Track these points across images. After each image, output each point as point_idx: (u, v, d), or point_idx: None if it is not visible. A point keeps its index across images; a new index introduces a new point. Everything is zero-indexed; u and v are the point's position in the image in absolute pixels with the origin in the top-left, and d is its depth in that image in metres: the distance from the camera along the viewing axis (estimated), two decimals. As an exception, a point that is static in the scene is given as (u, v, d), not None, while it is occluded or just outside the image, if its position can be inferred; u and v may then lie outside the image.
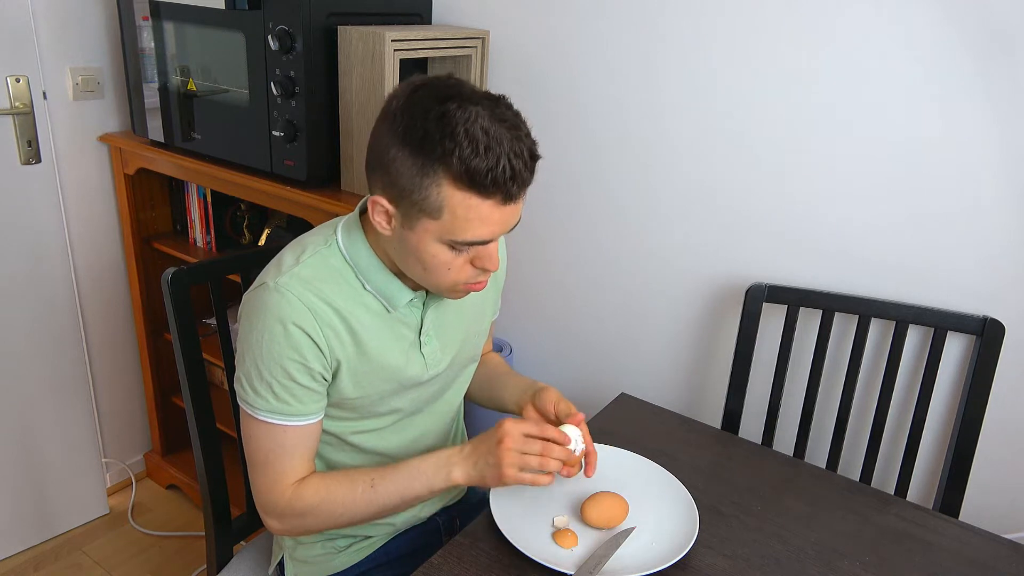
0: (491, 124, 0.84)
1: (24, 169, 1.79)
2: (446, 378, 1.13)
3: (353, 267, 0.98)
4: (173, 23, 1.70)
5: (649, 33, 1.50)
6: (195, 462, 1.28)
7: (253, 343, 0.95)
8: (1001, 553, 1.05)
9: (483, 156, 0.83)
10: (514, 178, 0.85)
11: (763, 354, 1.50)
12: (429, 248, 0.91)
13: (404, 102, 0.87)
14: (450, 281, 0.95)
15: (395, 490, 0.98)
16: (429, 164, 0.84)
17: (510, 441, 0.94)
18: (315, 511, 1.00)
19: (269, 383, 0.95)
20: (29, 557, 1.99)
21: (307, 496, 0.99)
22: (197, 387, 1.23)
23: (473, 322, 1.14)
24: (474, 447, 0.98)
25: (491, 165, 0.83)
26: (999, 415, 1.34)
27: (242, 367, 0.97)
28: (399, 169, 0.87)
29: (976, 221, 1.28)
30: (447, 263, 0.92)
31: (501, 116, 0.86)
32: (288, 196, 1.61)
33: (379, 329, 1.00)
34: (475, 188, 0.85)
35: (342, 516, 1.00)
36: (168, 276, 1.18)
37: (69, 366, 1.98)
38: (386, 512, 1.01)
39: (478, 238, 0.89)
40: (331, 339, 0.96)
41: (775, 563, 1.00)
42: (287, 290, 0.93)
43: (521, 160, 0.85)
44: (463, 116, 0.83)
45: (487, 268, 0.94)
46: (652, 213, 1.60)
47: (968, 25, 1.20)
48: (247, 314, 0.97)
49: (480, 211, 0.86)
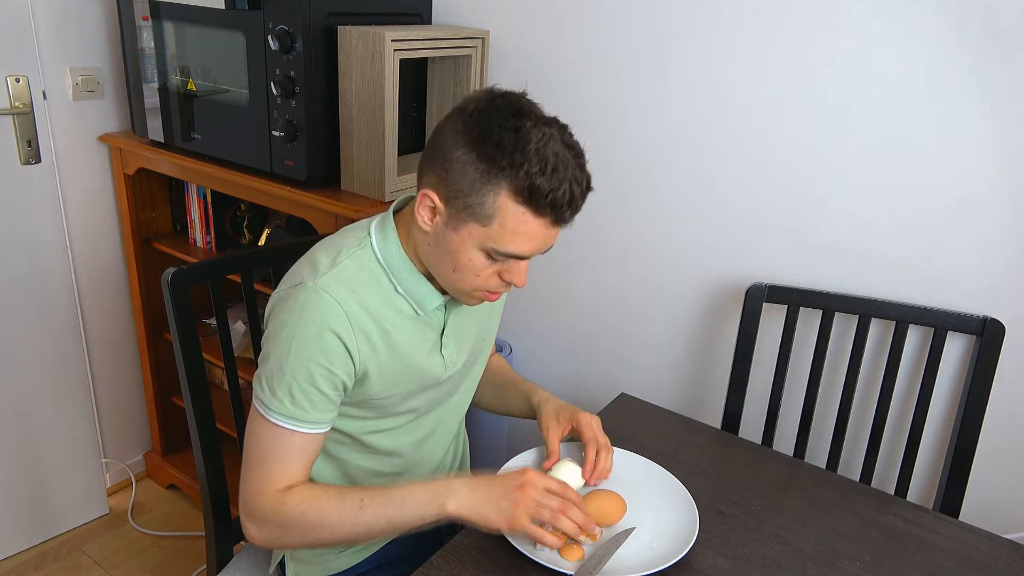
0: (561, 148, 0.87)
1: (24, 169, 1.79)
2: (457, 379, 1.14)
3: (386, 269, 0.99)
4: (173, 23, 1.70)
5: (649, 33, 1.50)
6: (195, 462, 1.28)
7: (282, 341, 0.94)
8: (1001, 553, 1.05)
9: (548, 177, 0.86)
10: (570, 204, 0.89)
11: (763, 354, 1.50)
12: (467, 252, 0.92)
13: (482, 107, 0.89)
14: (473, 287, 0.96)
15: (383, 513, 0.94)
16: (494, 172, 0.87)
17: (532, 490, 0.92)
18: (296, 522, 0.95)
19: (289, 385, 0.94)
20: (29, 557, 1.99)
21: (291, 504, 0.95)
22: (197, 387, 1.23)
23: (485, 326, 1.16)
24: (484, 484, 0.94)
25: (553, 187, 0.86)
26: (999, 415, 1.34)
27: (265, 365, 0.96)
28: (462, 170, 0.89)
29: (976, 221, 1.28)
30: (478, 270, 0.94)
31: (569, 143, 0.89)
32: (288, 196, 1.60)
33: (408, 331, 1.01)
34: (532, 205, 0.87)
35: (323, 532, 0.95)
36: (168, 276, 1.18)
37: (69, 366, 1.98)
38: (372, 536, 0.97)
39: (518, 252, 0.91)
40: (363, 345, 0.96)
41: (775, 563, 1.00)
42: (326, 291, 0.93)
43: (580, 188, 0.89)
44: (537, 135, 0.86)
45: (514, 283, 0.96)
46: (652, 213, 1.60)
47: (968, 25, 1.20)
48: (280, 312, 0.95)
49: (529, 227, 0.89)
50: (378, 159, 1.53)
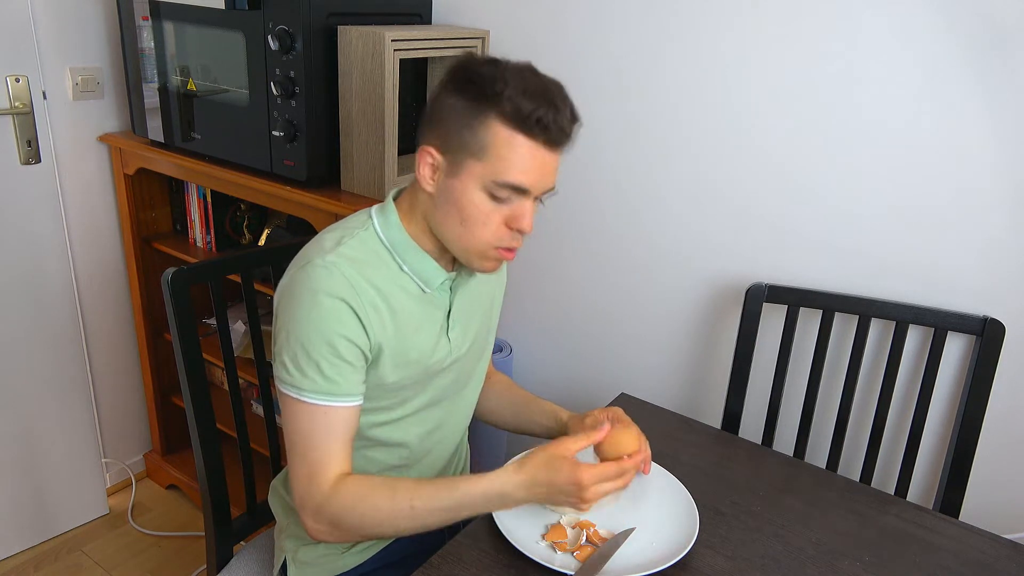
0: (537, 76, 0.93)
1: (24, 169, 1.79)
2: (463, 369, 1.14)
3: (390, 249, 1.01)
4: (173, 23, 1.70)
5: (650, 32, 1.50)
6: (195, 462, 1.28)
7: (300, 321, 0.94)
8: (1001, 553, 1.05)
9: (532, 97, 0.90)
10: (558, 122, 0.91)
11: (763, 354, 1.50)
12: (470, 194, 0.94)
13: (459, 61, 0.95)
14: (484, 240, 0.97)
15: (438, 513, 0.95)
16: (480, 104, 0.91)
17: (592, 493, 0.93)
18: (348, 518, 0.96)
19: (317, 361, 0.94)
20: (29, 557, 1.99)
21: (345, 495, 0.96)
22: (197, 387, 1.23)
23: (488, 315, 1.17)
24: (543, 483, 0.94)
25: (538, 105, 0.89)
26: (999, 415, 1.34)
27: (286, 350, 0.96)
28: (451, 114, 0.93)
29: (976, 221, 1.28)
30: (485, 216, 0.95)
31: (544, 75, 0.94)
32: (288, 196, 1.60)
33: (415, 311, 1.02)
34: (521, 126, 0.90)
35: (380, 525, 0.96)
36: (168, 276, 1.18)
37: (69, 366, 1.98)
38: (427, 529, 0.97)
39: (518, 181, 0.93)
40: (373, 320, 0.97)
41: (775, 563, 1.00)
42: (334, 267, 0.95)
43: (566, 109, 0.93)
44: (514, 67, 0.92)
45: (522, 229, 0.96)
46: (653, 213, 1.60)
47: (968, 25, 1.20)
48: (291, 293, 0.96)
49: (523, 152, 0.92)
50: (378, 159, 1.53)
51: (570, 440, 0.95)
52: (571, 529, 1.01)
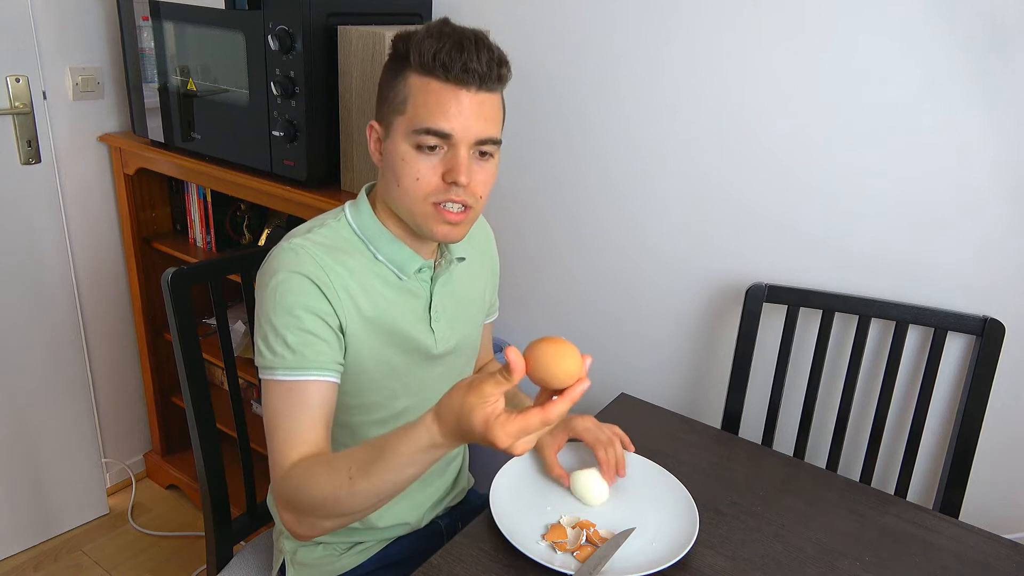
0: (452, 26, 0.94)
1: (24, 169, 1.79)
2: (452, 365, 1.14)
3: (363, 238, 1.03)
4: (173, 23, 1.70)
5: (650, 33, 1.50)
6: (195, 463, 1.28)
7: (267, 299, 0.95)
8: (1001, 553, 1.05)
9: (436, 38, 0.91)
10: (462, 60, 0.91)
11: (763, 354, 1.50)
12: (401, 152, 0.95)
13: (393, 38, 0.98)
14: (419, 196, 0.95)
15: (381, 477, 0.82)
16: (398, 63, 0.95)
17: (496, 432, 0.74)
18: (301, 501, 0.88)
19: (283, 336, 0.94)
20: (29, 557, 1.99)
21: (293, 477, 0.90)
22: (197, 387, 1.23)
23: (474, 309, 1.17)
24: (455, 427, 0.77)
25: (441, 46, 0.91)
26: (999, 415, 1.34)
27: (259, 332, 0.97)
28: (382, 84, 0.98)
29: (976, 221, 1.28)
30: (416, 171, 0.94)
31: (464, 26, 0.96)
32: (288, 196, 1.61)
33: (392, 297, 1.03)
34: (432, 71, 0.92)
35: (325, 504, 0.86)
36: (168, 276, 1.18)
37: (69, 366, 1.98)
38: (381, 499, 0.86)
39: (437, 126, 0.92)
40: (343, 298, 0.97)
41: (775, 563, 1.00)
42: (301, 248, 0.97)
43: (476, 49, 0.92)
44: (430, 22, 0.96)
45: (455, 180, 0.93)
46: (652, 213, 1.60)
47: (969, 25, 1.20)
48: (261, 277, 0.98)
49: (439, 96, 0.92)
50: (378, 159, 1.53)
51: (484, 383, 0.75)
52: (571, 529, 1.01)
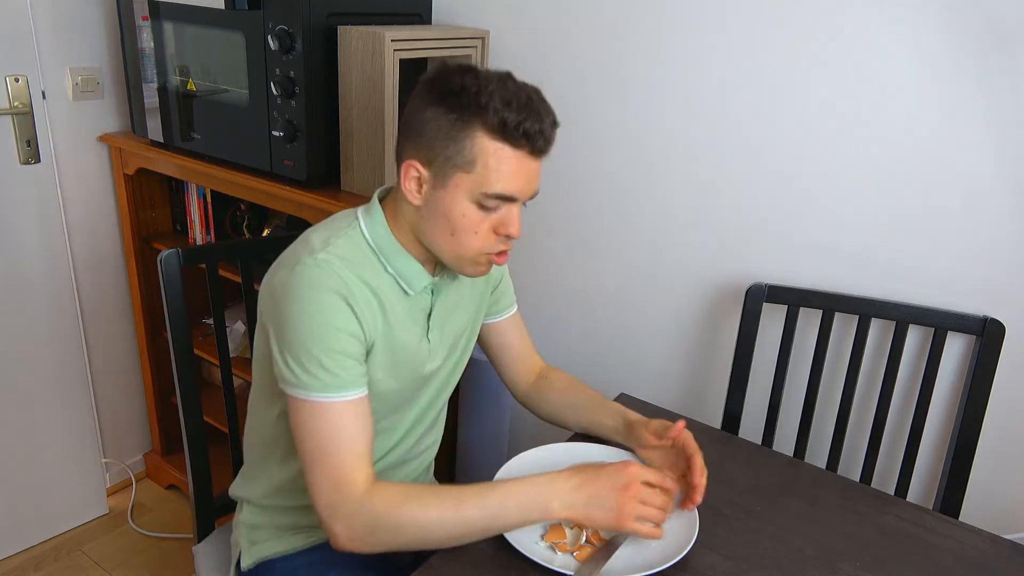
0: (517, 86, 0.94)
1: (23, 169, 1.79)
2: (442, 377, 1.15)
3: (375, 250, 1.02)
4: (173, 23, 1.70)
5: (651, 33, 1.50)
6: (183, 442, 1.31)
7: (297, 319, 0.94)
8: (1001, 553, 1.05)
9: (516, 110, 0.91)
10: (541, 131, 0.93)
11: (763, 354, 1.50)
12: (459, 206, 0.95)
13: (437, 72, 0.96)
14: (475, 249, 0.98)
15: (483, 515, 0.92)
16: (465, 117, 0.92)
17: (636, 489, 0.93)
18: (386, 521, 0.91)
19: (318, 358, 0.93)
20: (29, 557, 1.99)
21: (384, 498, 0.92)
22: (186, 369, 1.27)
23: (461, 322, 1.15)
24: (587, 482, 0.93)
25: (522, 118, 0.91)
26: (999, 415, 1.34)
27: (288, 351, 0.94)
28: (435, 127, 0.93)
29: (976, 221, 1.28)
30: (475, 225, 0.96)
31: (522, 83, 0.95)
32: (288, 196, 1.60)
33: (401, 310, 1.03)
34: (507, 138, 0.92)
35: (418, 532, 0.91)
36: (163, 257, 1.24)
37: (69, 366, 1.98)
38: (470, 537, 0.94)
39: (506, 191, 0.94)
40: (367, 314, 0.98)
41: (775, 563, 1.00)
42: (327, 264, 0.96)
43: (548, 117, 0.95)
44: (495, 76, 0.93)
45: (511, 235, 0.98)
46: (653, 213, 1.60)
47: (968, 25, 1.20)
48: (286, 294, 0.95)
49: (510, 162, 0.93)
50: (378, 159, 1.53)
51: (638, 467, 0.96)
52: (570, 529, 1.01)
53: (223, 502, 1.31)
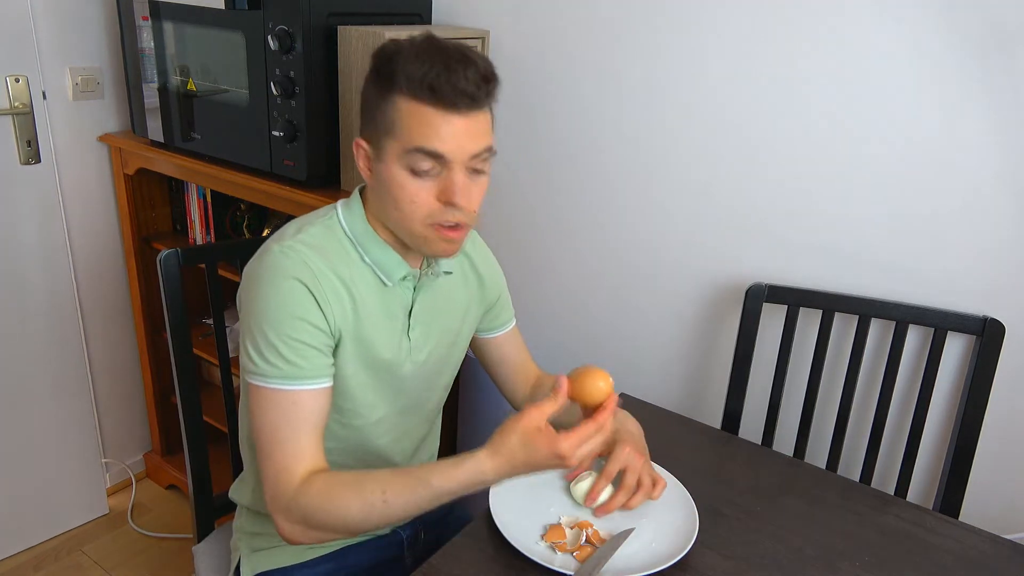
0: (435, 43, 0.91)
1: (24, 169, 1.79)
2: (425, 377, 1.12)
3: (352, 239, 1.01)
4: (173, 23, 1.70)
5: (650, 33, 1.50)
6: (181, 426, 1.31)
7: (258, 306, 0.94)
8: (1001, 553, 1.05)
9: (421, 63, 0.89)
10: (452, 82, 0.88)
11: (763, 354, 1.50)
12: (395, 176, 0.93)
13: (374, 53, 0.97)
14: (418, 218, 0.94)
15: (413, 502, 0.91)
16: (384, 84, 0.92)
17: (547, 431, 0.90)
18: (318, 517, 0.92)
19: (276, 345, 0.92)
20: (29, 557, 1.99)
21: (312, 493, 0.92)
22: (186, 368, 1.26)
23: (452, 323, 1.13)
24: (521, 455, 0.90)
25: (430, 72, 0.88)
26: (999, 415, 1.34)
27: (248, 337, 0.94)
28: (368, 102, 0.96)
29: (976, 221, 1.28)
30: (412, 194, 0.93)
31: (448, 40, 0.92)
32: (288, 196, 1.60)
33: (376, 303, 1.01)
34: (420, 96, 0.89)
35: (349, 522, 0.92)
36: (162, 256, 1.24)
37: (69, 366, 1.98)
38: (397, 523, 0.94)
39: (428, 147, 0.90)
40: (334, 304, 0.96)
41: (775, 563, 1.00)
42: (291, 250, 0.95)
43: (464, 68, 0.89)
44: (411, 39, 0.92)
45: (452, 202, 0.93)
46: (652, 213, 1.60)
47: (968, 25, 1.20)
48: (249, 280, 0.96)
49: (429, 119, 0.90)
50: (378, 159, 1.53)
51: (536, 410, 0.91)
52: (570, 529, 1.01)
53: (223, 502, 1.31)
